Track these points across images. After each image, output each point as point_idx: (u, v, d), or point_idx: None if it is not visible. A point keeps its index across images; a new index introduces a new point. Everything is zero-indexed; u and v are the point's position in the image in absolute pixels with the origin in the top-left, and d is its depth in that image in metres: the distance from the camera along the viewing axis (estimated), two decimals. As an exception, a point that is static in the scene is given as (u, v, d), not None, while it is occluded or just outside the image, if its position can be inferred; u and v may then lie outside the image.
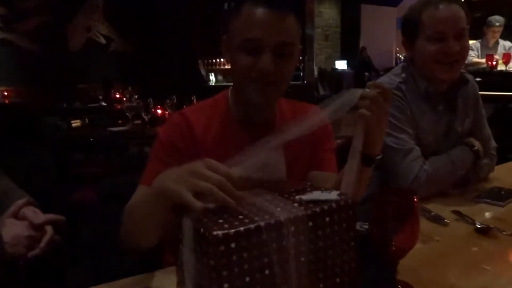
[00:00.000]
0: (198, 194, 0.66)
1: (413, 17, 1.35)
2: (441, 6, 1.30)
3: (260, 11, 0.92)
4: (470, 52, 4.48)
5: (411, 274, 0.81)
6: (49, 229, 1.03)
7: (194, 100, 3.33)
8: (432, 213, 1.11)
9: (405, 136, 1.31)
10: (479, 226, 1.03)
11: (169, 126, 1.07)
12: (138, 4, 6.72)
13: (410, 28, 1.37)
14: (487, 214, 1.16)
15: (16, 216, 1.02)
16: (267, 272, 0.60)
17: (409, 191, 0.77)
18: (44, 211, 1.08)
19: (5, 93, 5.80)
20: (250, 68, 0.93)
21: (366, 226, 0.82)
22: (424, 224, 1.06)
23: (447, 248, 0.96)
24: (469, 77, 1.47)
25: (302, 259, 0.63)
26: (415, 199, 0.72)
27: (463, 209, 1.14)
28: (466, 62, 4.24)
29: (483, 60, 4.46)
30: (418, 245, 0.84)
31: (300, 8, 0.98)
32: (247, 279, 0.58)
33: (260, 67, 0.92)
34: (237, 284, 0.57)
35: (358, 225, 1.04)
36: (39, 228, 1.01)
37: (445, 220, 1.08)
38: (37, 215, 1.03)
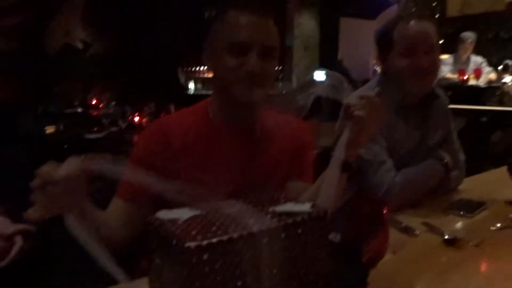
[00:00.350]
0: None
1: (386, 33, 1.39)
2: (411, 23, 1.35)
3: (245, 16, 0.99)
4: (443, 67, 4.62)
5: (382, 283, 0.82)
6: (18, 239, 1.01)
7: (173, 108, 3.31)
8: (403, 224, 1.14)
9: (378, 148, 1.34)
10: (447, 237, 1.06)
11: (146, 137, 1.07)
12: (118, 10, 6.66)
13: (383, 43, 1.41)
14: (455, 225, 1.19)
15: None
16: (239, 283, 0.60)
17: (379, 201, 0.80)
18: (20, 211, 1.06)
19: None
20: (237, 69, 0.98)
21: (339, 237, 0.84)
22: (395, 235, 1.08)
23: (417, 259, 0.98)
24: (440, 92, 1.52)
25: (275, 270, 0.64)
26: (385, 209, 0.74)
27: (433, 220, 1.17)
28: (439, 76, 4.38)
29: (455, 76, 4.61)
30: (388, 256, 0.86)
31: (279, 15, 1.04)
32: None
33: (247, 68, 0.98)
34: None
35: (332, 235, 1.06)
36: (8, 238, 0.99)
37: (415, 231, 1.10)
38: (5, 226, 1.01)
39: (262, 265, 0.62)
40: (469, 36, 4.77)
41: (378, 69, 1.50)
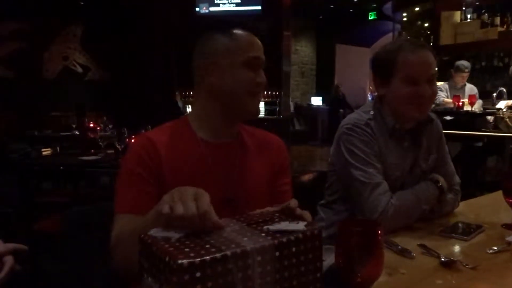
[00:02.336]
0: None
1: (387, 58, 1.40)
2: (416, 51, 1.36)
3: (247, 33, 1.12)
4: (440, 93, 4.69)
5: (377, 306, 0.81)
6: (9, 259, 0.99)
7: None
8: (399, 247, 1.13)
9: (373, 170, 1.34)
10: (443, 259, 1.05)
11: (134, 152, 1.08)
12: (116, 34, 6.76)
13: (383, 68, 1.42)
14: (452, 248, 1.18)
15: None
16: None
17: (373, 222, 0.79)
18: (5, 238, 1.04)
19: (-24, 120, 5.64)
20: (252, 81, 1.09)
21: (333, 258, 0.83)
22: (391, 257, 1.07)
23: (413, 281, 0.97)
24: (433, 116, 1.54)
25: None
26: (379, 230, 0.73)
27: (428, 243, 1.16)
28: (436, 102, 4.43)
29: (450, 101, 4.68)
30: (384, 278, 0.85)
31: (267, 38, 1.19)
32: None
33: (260, 80, 1.10)
34: None
35: (326, 256, 1.04)
36: None
37: (411, 253, 1.10)
38: None
39: (254, 284, 0.61)
40: (466, 65, 4.88)
41: (375, 93, 1.52)
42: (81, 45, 6.98)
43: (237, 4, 6.36)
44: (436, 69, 1.40)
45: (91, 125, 3.57)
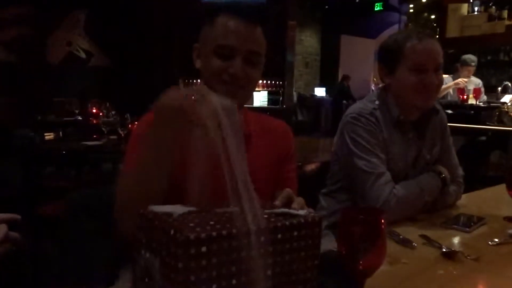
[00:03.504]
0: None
1: (395, 47, 1.39)
2: (423, 40, 1.35)
3: (233, 21, 1.04)
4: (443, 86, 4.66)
5: (378, 294, 0.81)
6: (2, 227, 0.99)
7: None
8: (401, 237, 1.13)
9: (376, 160, 1.34)
10: (445, 250, 1.05)
11: (145, 121, 1.09)
12: (120, 21, 6.73)
13: (390, 57, 1.41)
14: (453, 239, 1.18)
15: None
16: (234, 281, 0.59)
17: (376, 210, 0.79)
18: (8, 224, 1.05)
19: (-23, 104, 5.65)
20: (222, 72, 1.03)
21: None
22: (392, 247, 1.07)
23: (414, 271, 0.97)
24: (439, 107, 1.53)
25: (269, 271, 0.63)
26: (382, 218, 0.73)
27: (431, 233, 1.16)
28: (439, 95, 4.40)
29: (451, 84, 4.64)
30: (385, 267, 0.85)
31: (266, 23, 1.10)
32: (214, 286, 0.58)
33: (232, 71, 1.02)
34: None
35: (331, 246, 1.05)
36: None
37: (413, 244, 1.10)
38: None
39: (256, 265, 0.61)
40: (473, 59, 4.83)
41: (378, 85, 1.52)
42: (84, 30, 6.95)
43: (242, -8, 6.31)
44: (442, 60, 1.39)
45: (94, 110, 3.56)
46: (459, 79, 4.67)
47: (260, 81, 6.19)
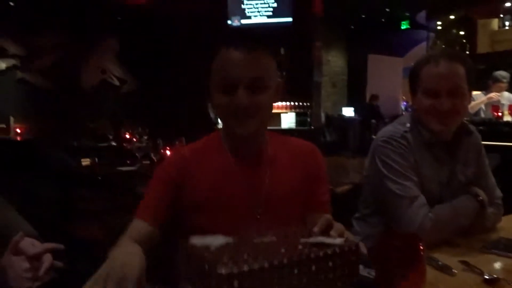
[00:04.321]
0: None
1: (415, 70, 1.40)
2: (440, 63, 1.34)
3: (231, 53, 1.03)
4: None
5: (418, 323, 0.79)
6: (47, 257, 1.04)
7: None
8: (439, 263, 1.10)
9: (410, 184, 1.32)
10: (487, 277, 1.01)
11: (167, 163, 1.14)
12: (151, 48, 6.96)
13: (412, 80, 1.42)
14: (495, 265, 1.14)
15: (15, 252, 1.04)
16: None
17: (413, 236, 0.78)
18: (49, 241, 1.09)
19: (18, 130, 5.92)
20: (229, 105, 1.03)
21: (373, 273, 0.82)
22: (431, 273, 1.04)
23: (454, 298, 0.94)
24: (472, 128, 1.50)
25: None
26: (421, 244, 0.72)
27: (470, 259, 1.13)
28: (472, 112, 4.29)
29: (483, 99, 4.53)
30: (425, 294, 0.83)
31: (269, 43, 1.08)
32: None
33: (236, 102, 1.01)
34: None
35: (366, 272, 1.03)
36: (37, 258, 1.02)
37: (453, 270, 1.07)
38: (33, 247, 1.04)
39: None
40: (505, 76, 4.73)
41: (408, 102, 1.51)
42: (117, 58, 7.22)
43: (269, 16, 6.42)
44: (468, 82, 1.36)
45: (127, 136, 3.67)
46: (492, 94, 4.56)
47: (288, 103, 6.23)
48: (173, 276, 0.73)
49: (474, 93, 4.89)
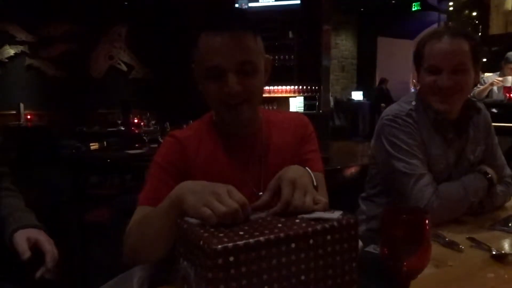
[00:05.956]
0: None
1: (418, 48, 1.37)
2: (443, 39, 1.30)
3: (214, 39, 0.96)
4: (478, 85, 4.47)
5: (423, 297, 0.79)
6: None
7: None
8: (447, 239, 1.09)
9: (416, 162, 1.30)
10: (495, 253, 1.00)
11: (164, 148, 1.11)
12: (158, 33, 6.94)
13: (416, 57, 1.39)
14: (503, 242, 1.13)
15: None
16: None
17: (419, 210, 0.77)
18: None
19: (29, 117, 6.00)
20: (219, 93, 0.98)
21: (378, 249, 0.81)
22: (438, 249, 1.04)
23: (462, 274, 0.94)
24: (481, 106, 1.47)
25: (302, 277, 0.62)
26: (426, 218, 0.71)
27: (478, 236, 1.12)
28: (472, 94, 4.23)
29: (485, 86, 4.45)
30: (431, 269, 0.83)
31: (253, 24, 1.01)
32: None
33: (227, 90, 0.96)
34: None
35: (372, 248, 1.03)
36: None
37: (460, 246, 1.06)
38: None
39: (289, 272, 0.61)
40: None
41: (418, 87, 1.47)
42: (125, 44, 7.22)
43: (276, -1, 6.34)
44: (478, 60, 1.33)
45: (136, 121, 3.70)
46: (494, 80, 4.47)
47: (296, 87, 6.18)
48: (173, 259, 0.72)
49: (487, 74, 4.80)
